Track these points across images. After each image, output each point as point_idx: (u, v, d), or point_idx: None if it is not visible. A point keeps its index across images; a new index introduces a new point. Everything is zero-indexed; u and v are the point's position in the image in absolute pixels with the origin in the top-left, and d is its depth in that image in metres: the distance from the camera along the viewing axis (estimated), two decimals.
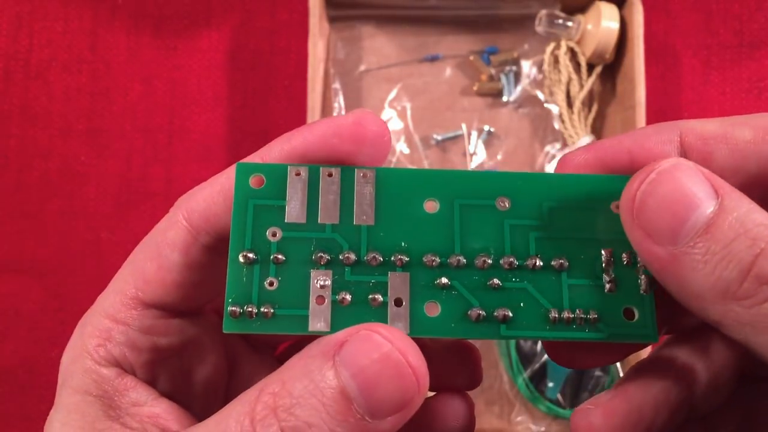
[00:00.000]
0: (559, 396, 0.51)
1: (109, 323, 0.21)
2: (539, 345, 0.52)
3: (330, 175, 0.20)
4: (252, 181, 0.20)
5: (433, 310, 0.19)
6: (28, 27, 0.56)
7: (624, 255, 0.20)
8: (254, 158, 0.21)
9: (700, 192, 0.17)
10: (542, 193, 0.20)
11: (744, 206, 0.17)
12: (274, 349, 0.27)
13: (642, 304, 0.20)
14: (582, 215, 0.20)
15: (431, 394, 0.24)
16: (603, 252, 0.20)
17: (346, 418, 0.17)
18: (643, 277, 0.20)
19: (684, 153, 0.20)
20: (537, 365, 0.51)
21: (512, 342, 0.51)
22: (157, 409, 0.21)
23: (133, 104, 0.56)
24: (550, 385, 0.51)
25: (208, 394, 0.23)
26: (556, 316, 0.19)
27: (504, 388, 0.52)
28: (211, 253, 0.21)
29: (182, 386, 0.23)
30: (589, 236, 0.20)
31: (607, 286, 0.20)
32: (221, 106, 0.56)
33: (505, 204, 0.20)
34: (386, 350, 0.17)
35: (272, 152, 0.21)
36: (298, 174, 0.20)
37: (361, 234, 0.19)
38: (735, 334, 0.17)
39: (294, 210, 0.19)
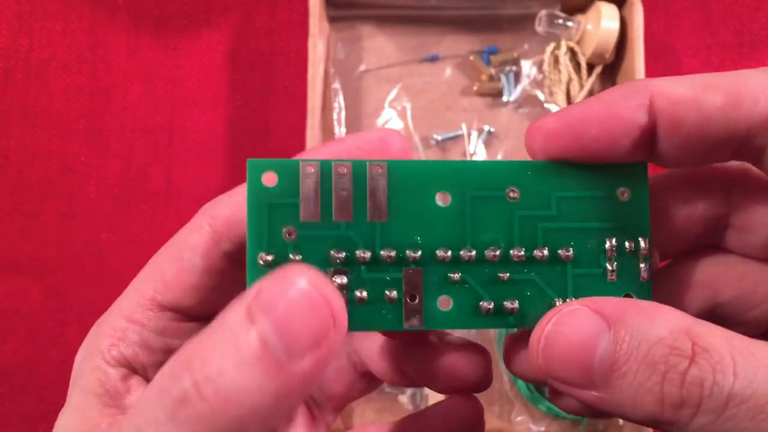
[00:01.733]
0: None
1: (125, 323, 0.21)
2: None
3: (342, 170, 0.20)
4: (264, 179, 0.19)
5: (445, 304, 0.20)
6: (28, 27, 0.56)
7: (627, 243, 0.20)
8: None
9: (592, 331, 0.18)
10: (551, 182, 0.20)
11: (636, 326, 0.17)
12: None
13: (641, 290, 0.20)
14: (588, 204, 0.20)
15: (442, 397, 0.24)
16: (607, 241, 0.20)
17: (261, 360, 0.16)
18: (642, 265, 0.20)
19: (654, 117, 0.19)
20: None
21: None
22: None
23: (133, 104, 0.56)
24: None
25: None
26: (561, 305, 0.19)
27: (504, 388, 0.52)
28: (231, 260, 0.22)
29: None
30: (595, 225, 0.20)
31: (609, 275, 0.20)
32: (221, 106, 0.56)
33: (515, 194, 0.20)
34: (300, 286, 0.16)
35: None
36: (310, 170, 0.19)
37: (375, 231, 0.20)
38: None
39: (308, 208, 0.19)
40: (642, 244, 0.20)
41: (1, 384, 0.53)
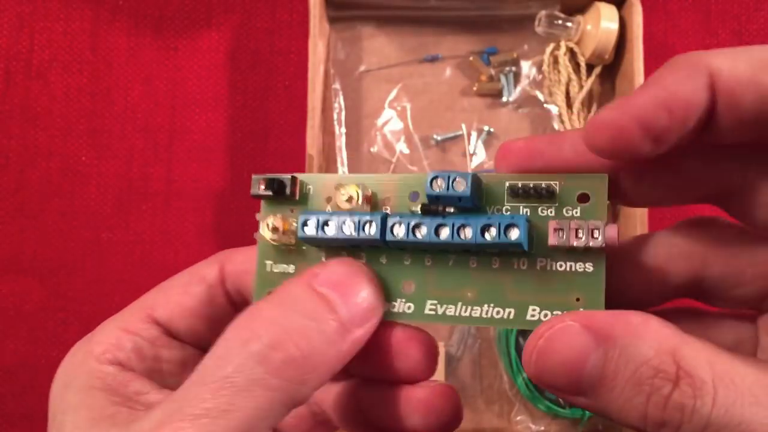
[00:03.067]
0: None
1: (119, 332, 0.23)
2: None
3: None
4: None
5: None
6: (29, 27, 0.57)
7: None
8: None
9: (581, 348, 0.19)
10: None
11: (625, 344, 0.18)
12: None
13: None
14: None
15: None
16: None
17: (334, 319, 0.20)
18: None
19: (715, 98, 0.19)
20: None
21: (512, 341, 0.51)
22: (161, 395, 0.21)
23: (134, 104, 0.56)
24: None
25: None
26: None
27: (504, 388, 0.52)
28: (230, 301, 0.24)
29: None
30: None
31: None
32: (221, 106, 0.56)
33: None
34: (358, 267, 0.22)
35: None
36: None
37: None
38: None
39: None
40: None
41: (3, 384, 0.53)
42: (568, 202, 0.22)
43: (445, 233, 0.22)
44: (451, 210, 0.22)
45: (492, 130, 0.55)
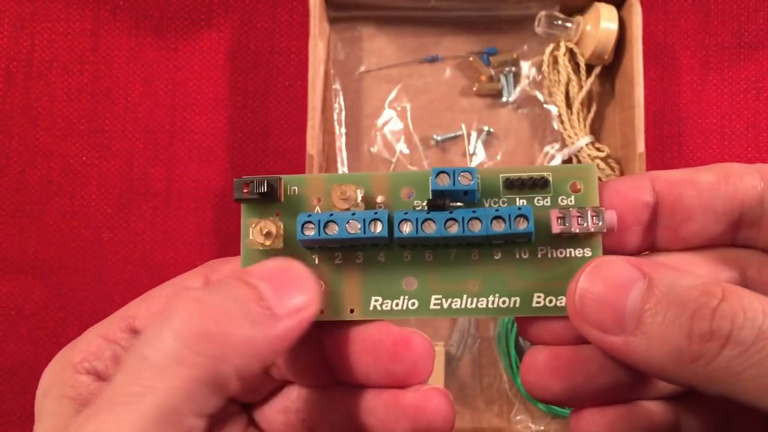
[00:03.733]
0: None
1: (100, 341, 0.23)
2: None
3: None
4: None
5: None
6: (29, 28, 0.57)
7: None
8: None
9: (627, 277, 0.19)
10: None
11: (669, 276, 0.19)
12: (248, 406, 0.26)
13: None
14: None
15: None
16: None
17: (256, 301, 0.20)
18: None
19: (656, 197, 0.22)
20: None
21: (512, 341, 0.51)
22: None
23: (135, 105, 0.56)
24: None
25: None
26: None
27: (503, 387, 0.53)
28: None
29: None
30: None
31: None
32: (222, 106, 0.56)
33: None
34: (291, 265, 0.21)
35: None
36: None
37: None
38: (710, 392, 0.18)
39: None
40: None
41: (3, 383, 0.53)
42: (561, 192, 0.23)
43: (454, 228, 0.22)
44: (459, 204, 0.22)
45: (492, 130, 0.55)
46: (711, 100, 0.56)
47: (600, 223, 0.22)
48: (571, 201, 0.23)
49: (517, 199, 0.23)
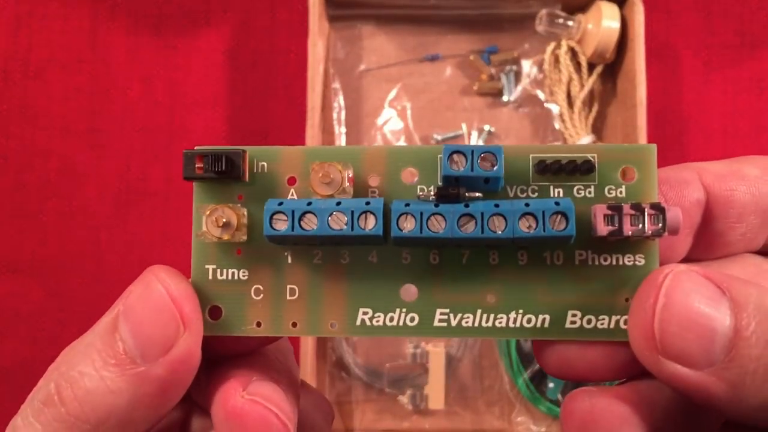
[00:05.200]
0: (559, 396, 0.51)
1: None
2: None
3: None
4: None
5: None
6: (27, 27, 0.56)
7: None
8: None
9: (711, 298, 0.16)
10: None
11: (753, 292, 0.16)
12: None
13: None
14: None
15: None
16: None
17: (118, 363, 0.17)
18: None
19: (707, 193, 0.19)
20: (537, 365, 0.51)
21: (512, 342, 0.51)
22: None
23: (133, 104, 0.56)
24: (551, 385, 0.51)
25: None
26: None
27: (504, 389, 0.52)
28: None
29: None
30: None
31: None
32: (221, 105, 0.56)
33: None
34: (156, 294, 0.17)
35: None
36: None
37: None
38: None
39: None
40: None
41: (1, 384, 0.53)
42: (609, 180, 0.18)
43: (471, 226, 0.17)
44: (477, 195, 0.18)
45: (492, 129, 0.55)
46: (713, 99, 0.56)
47: (660, 225, 0.17)
48: (621, 193, 0.18)
49: (551, 188, 0.18)
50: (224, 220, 0.18)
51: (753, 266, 0.20)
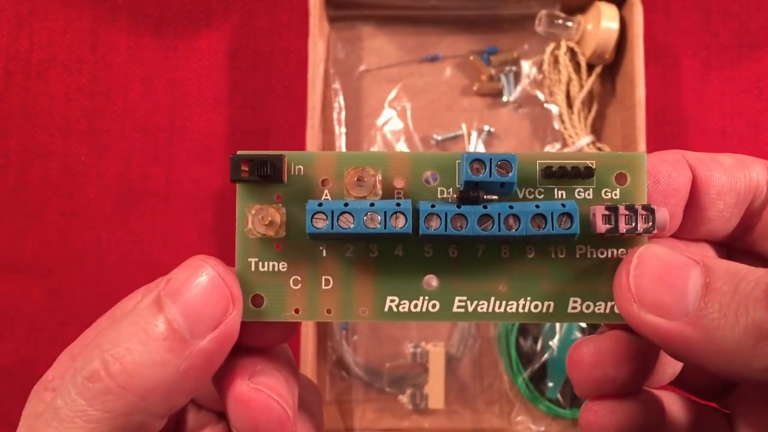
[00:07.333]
0: (559, 396, 0.51)
1: (67, 360, 0.23)
2: (539, 345, 0.52)
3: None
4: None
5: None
6: (28, 27, 0.56)
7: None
8: None
9: (682, 260, 0.18)
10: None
11: (722, 261, 0.18)
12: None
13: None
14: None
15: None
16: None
17: (166, 339, 0.18)
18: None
19: (693, 171, 0.21)
20: (537, 365, 0.51)
21: (512, 342, 0.51)
22: None
23: (134, 104, 0.56)
24: (550, 384, 0.51)
25: None
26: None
27: (504, 388, 0.52)
28: None
29: None
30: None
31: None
32: (221, 106, 0.56)
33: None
34: (204, 274, 0.19)
35: None
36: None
37: None
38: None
39: None
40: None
41: (2, 383, 0.53)
42: (606, 184, 0.21)
43: (489, 225, 0.19)
44: (493, 197, 0.20)
45: (492, 129, 0.55)
46: (712, 99, 0.56)
47: (650, 224, 0.19)
48: (615, 195, 0.21)
49: (556, 190, 0.21)
50: (270, 218, 0.20)
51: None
